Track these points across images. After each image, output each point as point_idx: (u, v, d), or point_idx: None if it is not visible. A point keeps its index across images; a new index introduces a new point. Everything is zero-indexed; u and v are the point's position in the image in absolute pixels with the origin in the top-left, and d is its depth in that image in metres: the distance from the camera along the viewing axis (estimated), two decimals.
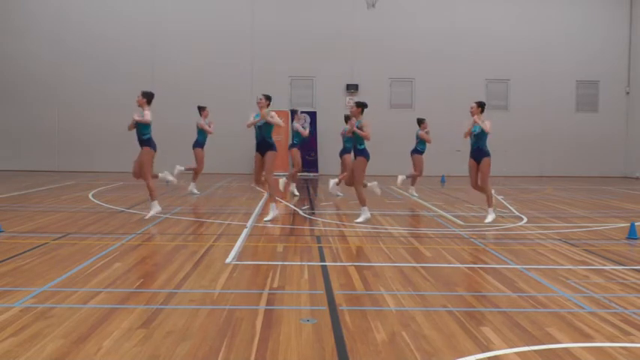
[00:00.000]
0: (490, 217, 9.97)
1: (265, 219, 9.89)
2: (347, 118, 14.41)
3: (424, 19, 22.71)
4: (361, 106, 10.01)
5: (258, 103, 10.12)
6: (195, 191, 14.11)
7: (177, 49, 22.19)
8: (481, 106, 10.09)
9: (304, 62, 22.42)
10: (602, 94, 23.57)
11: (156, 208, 9.95)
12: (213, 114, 14.60)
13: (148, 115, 9.79)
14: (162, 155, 21.51)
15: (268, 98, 10.17)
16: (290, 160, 20.09)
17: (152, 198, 9.95)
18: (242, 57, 22.33)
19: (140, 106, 9.88)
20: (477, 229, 9.45)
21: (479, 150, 10.04)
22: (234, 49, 22.28)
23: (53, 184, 16.15)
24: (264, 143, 9.99)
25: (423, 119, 14.92)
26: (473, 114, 10.13)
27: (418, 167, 14.73)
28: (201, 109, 14.42)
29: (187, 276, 6.09)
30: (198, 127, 14.11)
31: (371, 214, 10.24)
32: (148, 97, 9.93)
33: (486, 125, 9.89)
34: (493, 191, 10.57)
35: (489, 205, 10.04)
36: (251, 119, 10.16)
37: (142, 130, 9.85)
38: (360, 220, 9.91)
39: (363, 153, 9.93)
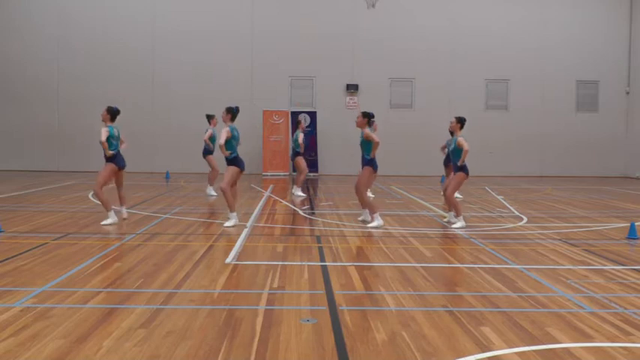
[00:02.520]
0: (458, 224, 9.58)
1: (225, 224, 9.64)
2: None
3: (424, 19, 22.69)
4: (367, 116, 9.78)
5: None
6: (213, 193, 13.94)
7: (177, 49, 22.18)
8: (460, 122, 9.79)
9: (304, 62, 22.40)
10: (602, 94, 23.55)
11: (112, 218, 9.39)
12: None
13: (103, 133, 9.30)
14: (161, 155, 21.76)
15: (229, 111, 9.83)
16: (291, 165, 20.23)
17: (107, 209, 9.45)
18: (242, 57, 22.31)
19: (103, 121, 9.47)
20: (477, 229, 9.46)
21: (455, 165, 9.78)
22: (234, 49, 22.27)
23: (53, 184, 16.15)
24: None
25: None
26: (452, 129, 9.90)
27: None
28: (209, 117, 14.05)
29: (187, 276, 6.09)
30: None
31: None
32: (112, 113, 9.47)
33: (463, 144, 9.51)
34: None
35: (456, 215, 9.69)
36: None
37: (108, 144, 9.37)
38: (371, 223, 9.61)
39: (370, 163, 9.68)
